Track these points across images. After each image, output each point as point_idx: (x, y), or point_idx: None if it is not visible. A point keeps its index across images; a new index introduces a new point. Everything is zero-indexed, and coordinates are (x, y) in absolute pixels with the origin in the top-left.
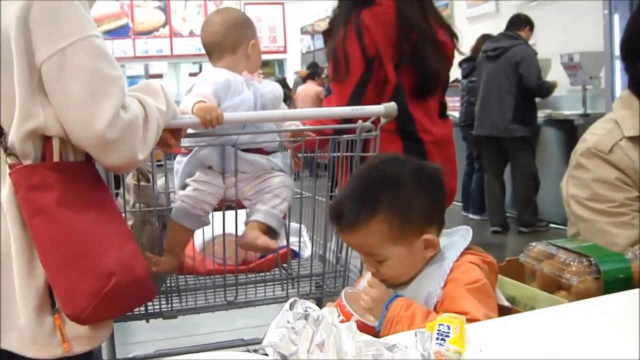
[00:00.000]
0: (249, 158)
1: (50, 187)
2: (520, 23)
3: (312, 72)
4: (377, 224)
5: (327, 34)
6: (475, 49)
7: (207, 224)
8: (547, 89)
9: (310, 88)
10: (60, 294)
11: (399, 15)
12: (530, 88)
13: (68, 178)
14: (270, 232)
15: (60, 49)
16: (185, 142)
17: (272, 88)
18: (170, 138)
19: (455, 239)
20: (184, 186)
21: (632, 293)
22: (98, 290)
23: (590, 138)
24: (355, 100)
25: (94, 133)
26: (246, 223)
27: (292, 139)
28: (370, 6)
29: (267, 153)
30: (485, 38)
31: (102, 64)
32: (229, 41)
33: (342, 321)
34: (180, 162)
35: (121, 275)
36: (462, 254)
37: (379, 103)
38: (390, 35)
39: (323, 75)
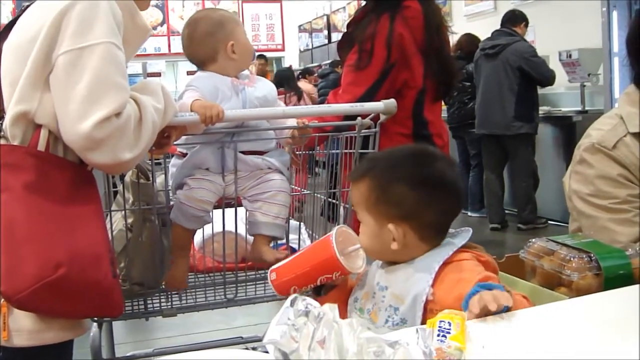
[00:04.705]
0: (245, 158)
1: (23, 169)
2: (516, 19)
3: (304, 70)
4: (363, 185)
5: (351, 25)
6: (456, 48)
7: (209, 222)
8: (554, 77)
9: (303, 86)
10: (1, 270)
11: (426, 19)
12: (543, 81)
13: (47, 168)
14: (274, 239)
15: (79, 47)
16: (180, 141)
17: (265, 92)
18: (174, 135)
19: (455, 239)
20: (180, 185)
21: (633, 289)
22: (40, 277)
23: (594, 133)
24: (365, 100)
25: (80, 131)
26: (252, 235)
27: (296, 127)
28: (401, 9)
29: (262, 153)
30: (469, 37)
31: (112, 70)
32: (204, 53)
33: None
34: (174, 165)
35: (72, 271)
36: (459, 251)
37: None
38: (418, 39)
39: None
